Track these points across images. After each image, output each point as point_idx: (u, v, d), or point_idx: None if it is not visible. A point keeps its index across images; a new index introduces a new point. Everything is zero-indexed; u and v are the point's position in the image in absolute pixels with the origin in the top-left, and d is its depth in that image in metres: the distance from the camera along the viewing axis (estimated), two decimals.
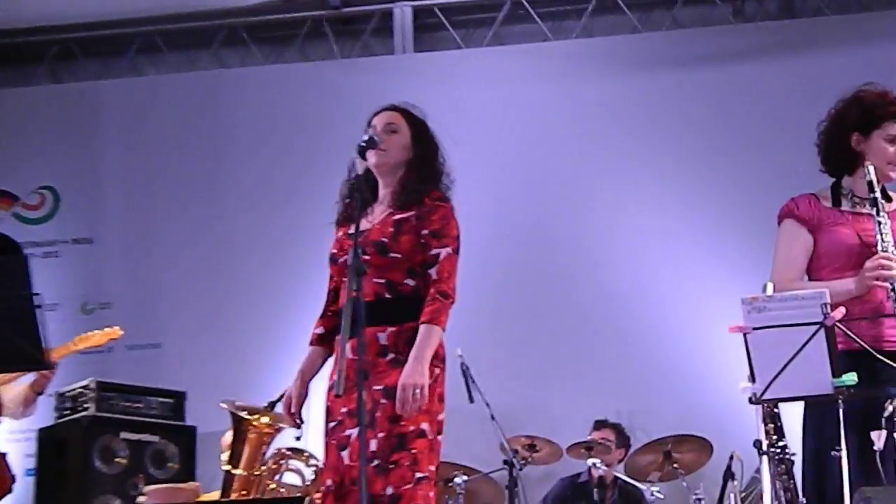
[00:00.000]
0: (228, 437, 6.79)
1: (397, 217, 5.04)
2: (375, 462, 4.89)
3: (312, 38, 10.14)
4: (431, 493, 5.01)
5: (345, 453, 4.78)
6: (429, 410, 5.03)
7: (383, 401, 4.94)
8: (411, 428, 4.95)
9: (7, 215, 9.62)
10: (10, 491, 5.42)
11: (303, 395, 5.09)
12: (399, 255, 5.01)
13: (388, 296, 5.01)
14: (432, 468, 5.02)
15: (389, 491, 4.87)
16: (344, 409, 4.75)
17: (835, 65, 8.40)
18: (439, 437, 5.06)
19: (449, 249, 5.04)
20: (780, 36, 9.45)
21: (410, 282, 5.04)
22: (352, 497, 4.78)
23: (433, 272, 5.00)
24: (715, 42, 9.53)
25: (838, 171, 5.19)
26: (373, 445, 4.90)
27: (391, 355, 4.96)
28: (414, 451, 4.94)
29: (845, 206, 5.10)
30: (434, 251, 5.01)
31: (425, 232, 5.01)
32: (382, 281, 5.00)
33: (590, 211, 9.08)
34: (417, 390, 4.82)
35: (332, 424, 4.93)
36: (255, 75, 10.02)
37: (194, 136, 9.76)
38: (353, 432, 4.88)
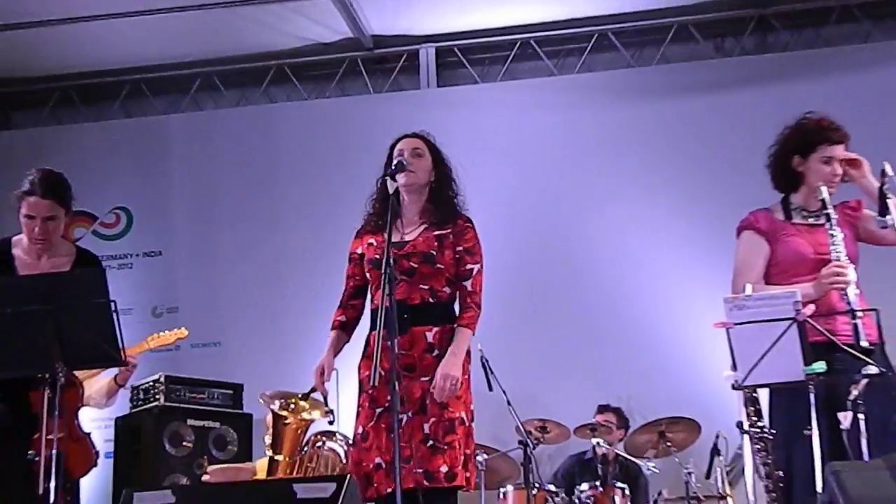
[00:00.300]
0: (270, 416, 6.80)
1: (437, 233, 5.11)
2: (430, 443, 4.94)
3: (349, 75, 10.16)
4: (469, 474, 5.10)
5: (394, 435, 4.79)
6: (465, 401, 5.11)
7: (433, 391, 4.99)
8: (457, 415, 5.02)
9: (87, 233, 9.66)
10: (95, 464, 5.45)
11: (332, 366, 5.14)
12: (442, 266, 5.09)
13: (431, 300, 5.09)
14: (469, 451, 5.09)
15: (444, 469, 4.93)
16: (390, 397, 4.76)
17: (801, 93, 8.39)
18: (472, 425, 5.13)
19: (480, 266, 5.18)
20: (755, 69, 9.43)
21: (447, 289, 5.13)
22: (402, 471, 4.79)
23: (468, 284, 5.12)
24: (699, 75, 9.52)
25: (786, 189, 5.28)
26: (426, 429, 4.96)
27: (436, 352, 5.04)
28: (459, 435, 5.01)
29: (797, 219, 5.20)
30: (469, 266, 5.12)
31: (460, 248, 5.12)
32: (427, 287, 5.07)
33: (591, 223, 9.09)
34: (453, 381, 4.90)
35: (378, 410, 4.96)
36: (299, 109, 10.05)
37: (248, 162, 9.80)
38: (403, 417, 4.92)
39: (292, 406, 6.47)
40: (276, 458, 6.44)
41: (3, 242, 5.48)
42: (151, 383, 8.06)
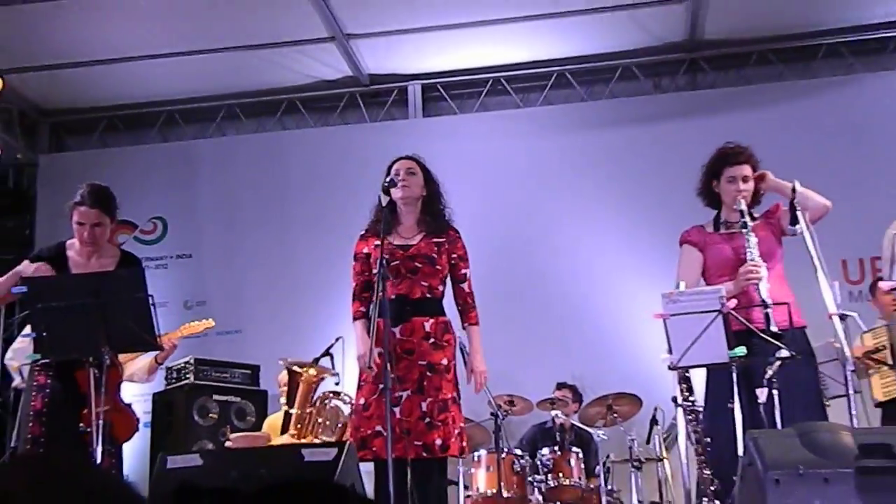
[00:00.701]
0: (283, 375, 6.82)
1: (435, 241, 5.15)
2: (427, 419, 4.96)
3: (349, 107, 10.14)
4: (464, 443, 5.13)
5: (396, 409, 4.81)
6: (455, 382, 5.14)
7: (428, 374, 5.01)
8: (450, 395, 5.04)
9: (129, 238, 9.63)
10: (136, 430, 5.44)
11: (372, 350, 5.07)
12: (440, 268, 5.12)
13: (428, 295, 5.12)
14: (462, 424, 5.12)
15: (439, 442, 4.95)
16: (392, 376, 4.77)
17: (725, 124, 8.39)
18: (461, 402, 5.18)
19: (470, 271, 5.20)
20: (687, 103, 9.47)
21: (441, 287, 5.19)
22: (401, 442, 4.82)
23: (465, 286, 5.23)
24: (640, 108, 9.54)
25: (713, 206, 5.35)
26: (424, 406, 4.97)
27: (432, 339, 5.06)
28: (453, 412, 5.03)
29: (722, 230, 5.26)
30: (463, 271, 5.20)
31: (455, 256, 5.18)
32: (426, 284, 5.11)
33: (552, 232, 9.10)
34: (484, 375, 5.21)
35: (381, 386, 4.95)
36: (307, 135, 10.04)
37: (264, 180, 9.78)
38: (403, 394, 4.93)
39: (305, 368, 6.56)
40: (290, 410, 6.46)
41: (60, 245, 5.49)
42: (183, 364, 8.09)
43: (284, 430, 6.57)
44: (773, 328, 4.80)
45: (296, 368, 6.69)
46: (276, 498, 1.99)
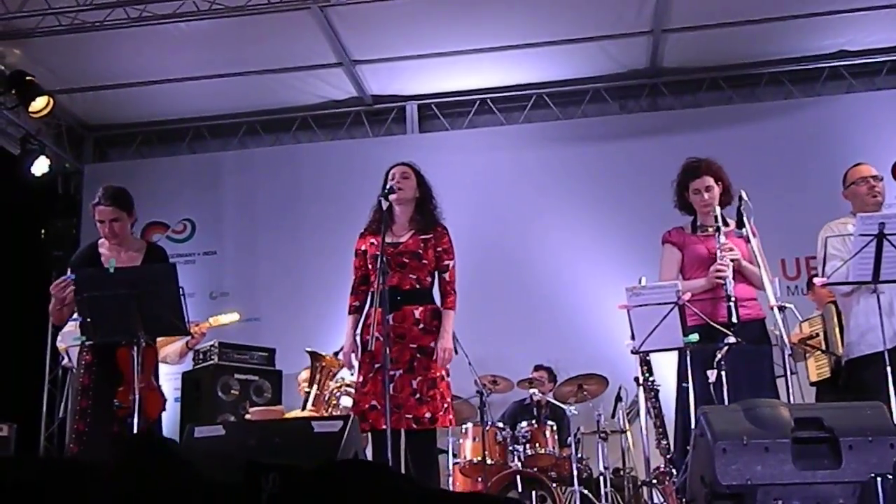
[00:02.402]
0: (305, 374, 6.84)
1: (422, 237, 5.15)
2: (417, 395, 4.97)
3: (355, 123, 10.13)
4: (451, 416, 5.12)
5: (390, 386, 4.81)
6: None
7: (418, 355, 5.01)
8: (438, 374, 5.04)
9: (162, 237, 9.59)
10: (164, 409, 5.43)
11: (356, 347, 5.14)
12: (426, 262, 5.13)
13: (417, 286, 5.11)
14: (449, 400, 5.11)
15: (428, 415, 4.96)
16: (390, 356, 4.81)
17: (681, 141, 8.44)
18: (449, 380, 5.16)
19: (454, 262, 5.23)
20: (649, 123, 9.49)
21: (429, 279, 5.17)
22: (394, 415, 4.83)
23: (447, 276, 5.18)
24: (609, 127, 9.55)
25: (688, 213, 5.34)
26: (414, 384, 4.98)
27: (422, 325, 5.06)
28: (441, 389, 5.03)
29: (699, 233, 5.22)
30: (446, 262, 5.16)
31: (440, 249, 5.16)
32: (415, 277, 5.11)
33: (531, 233, 9.10)
34: (449, 352, 5.02)
35: (377, 366, 4.97)
36: (318, 148, 10.01)
37: (280, 187, 9.76)
38: (396, 373, 4.94)
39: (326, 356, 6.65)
40: (311, 391, 6.52)
41: (93, 244, 5.52)
42: (209, 347, 8.08)
43: (305, 406, 6.63)
44: (734, 319, 4.81)
45: (318, 354, 6.74)
46: (330, 473, 2.00)
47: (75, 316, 5.14)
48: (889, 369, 4.79)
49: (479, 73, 9.49)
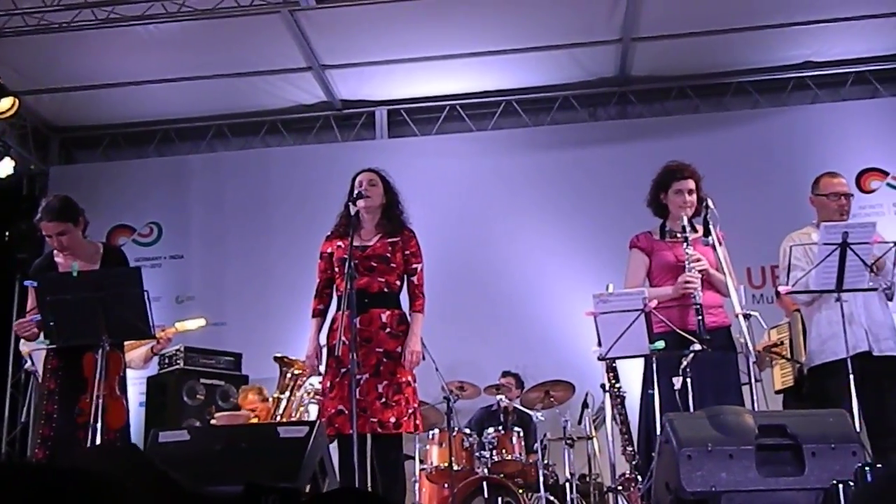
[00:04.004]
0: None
1: (389, 241, 5.14)
2: (383, 399, 4.95)
3: (324, 128, 10.10)
4: (418, 422, 5.10)
5: (356, 391, 4.79)
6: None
7: (384, 360, 5.00)
8: (404, 379, 5.02)
9: (128, 241, 9.53)
10: (126, 421, 5.28)
11: (319, 350, 5.14)
12: (394, 265, 5.11)
13: (385, 290, 5.10)
14: (415, 405, 5.10)
15: (393, 420, 4.94)
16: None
17: (649, 149, 8.48)
18: (416, 385, 5.15)
19: (422, 265, 5.21)
20: (617, 131, 9.53)
21: (397, 283, 5.16)
22: (360, 419, 4.82)
23: (415, 279, 5.17)
24: (577, 134, 9.59)
25: (660, 216, 5.34)
26: (380, 388, 4.97)
27: (388, 329, 5.04)
28: (407, 394, 5.01)
29: (668, 238, 5.22)
30: (414, 266, 5.15)
31: (408, 252, 5.15)
32: (383, 280, 5.09)
33: (500, 238, 9.10)
34: (417, 355, 4.97)
35: (343, 370, 4.95)
36: (287, 152, 9.98)
37: (248, 191, 9.71)
38: (362, 377, 4.92)
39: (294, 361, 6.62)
40: (280, 396, 6.49)
41: (48, 255, 5.47)
42: (174, 351, 8.02)
43: (275, 413, 6.61)
44: (703, 328, 4.83)
45: (287, 359, 6.71)
46: (328, 501, 1.98)
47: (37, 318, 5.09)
48: (851, 377, 4.84)
49: (449, 80, 9.50)
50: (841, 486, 3.43)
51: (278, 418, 6.62)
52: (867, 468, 3.42)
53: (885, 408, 5.15)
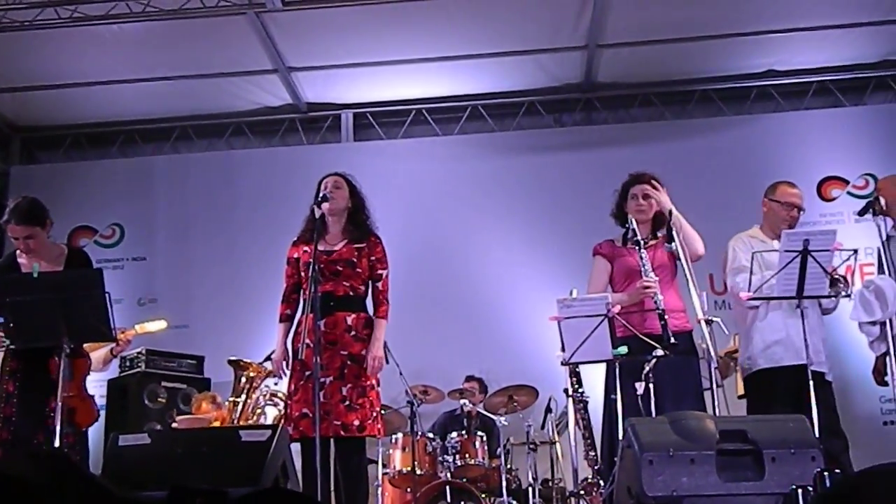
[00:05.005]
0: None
1: (356, 247, 5.14)
2: (347, 402, 4.95)
3: (289, 131, 10.06)
4: (381, 426, 5.10)
5: (320, 393, 4.79)
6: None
7: (349, 363, 5.00)
8: (368, 383, 5.02)
9: (90, 242, 9.43)
10: (97, 419, 5.34)
11: (286, 355, 5.12)
12: (360, 270, 5.12)
13: (351, 294, 5.09)
14: (379, 409, 5.10)
15: (356, 423, 4.94)
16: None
17: (613, 154, 8.58)
18: (379, 389, 5.14)
19: (387, 271, 5.22)
20: (583, 136, 9.57)
21: (362, 287, 5.16)
22: (324, 422, 4.81)
23: (379, 285, 5.18)
24: (543, 139, 9.60)
25: (622, 224, 5.38)
26: (344, 391, 4.96)
27: (353, 332, 5.04)
28: (371, 398, 5.01)
29: (629, 245, 5.24)
30: (379, 272, 5.16)
31: (373, 258, 5.16)
32: (348, 285, 5.09)
33: (464, 243, 9.10)
34: (379, 360, 4.99)
35: (308, 373, 4.94)
36: (252, 155, 9.91)
37: (213, 193, 9.63)
38: (326, 380, 4.92)
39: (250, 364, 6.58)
40: (237, 400, 6.44)
41: (11, 255, 5.44)
42: (136, 354, 7.98)
43: (231, 417, 6.56)
44: (668, 334, 4.85)
45: (242, 362, 6.67)
46: (256, 502, 1.97)
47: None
48: (812, 384, 4.90)
49: (415, 84, 9.50)
50: (800, 490, 3.47)
51: (236, 422, 6.58)
52: (826, 473, 3.46)
53: (828, 412, 5.22)
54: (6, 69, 8.86)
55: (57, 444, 4.67)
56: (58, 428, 4.68)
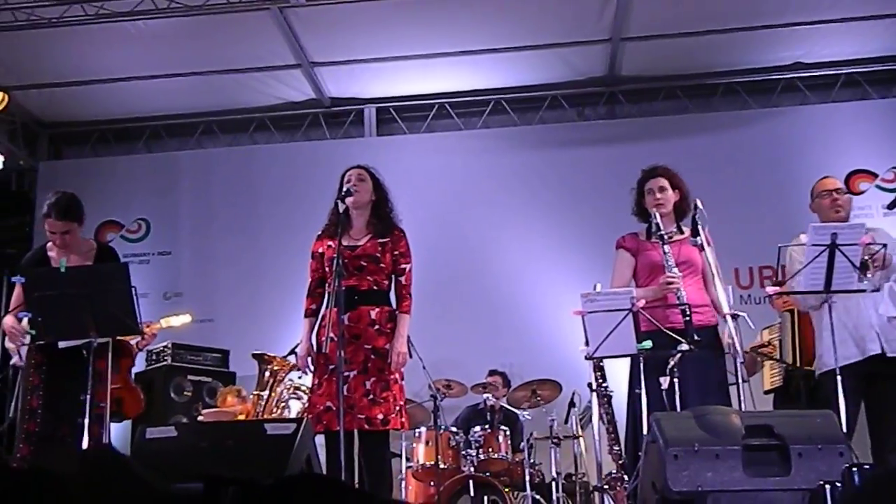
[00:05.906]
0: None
1: (380, 241, 5.13)
2: (371, 396, 4.94)
3: (313, 125, 10.09)
4: (404, 419, 5.09)
5: (344, 387, 4.79)
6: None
7: (373, 356, 4.99)
8: (392, 377, 5.01)
9: (116, 237, 9.50)
10: (143, 408, 5.41)
11: (311, 350, 5.11)
12: (384, 265, 5.10)
13: (375, 288, 5.08)
14: (402, 402, 5.09)
15: (380, 416, 4.93)
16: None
17: (638, 149, 8.51)
18: (403, 382, 5.14)
19: (410, 265, 5.21)
20: (606, 131, 9.54)
21: (386, 282, 5.15)
22: (347, 416, 4.81)
23: (403, 279, 5.16)
24: (566, 134, 9.59)
25: (644, 220, 5.35)
26: (368, 385, 4.96)
27: (377, 326, 5.04)
28: (394, 391, 5.00)
29: (654, 239, 5.20)
30: (402, 266, 5.14)
31: (397, 253, 5.14)
32: (372, 279, 5.08)
33: (488, 237, 9.10)
34: (403, 355, 4.99)
35: (331, 367, 4.93)
36: (276, 149, 9.95)
37: (237, 188, 9.69)
38: (350, 374, 4.92)
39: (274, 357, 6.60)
40: (262, 393, 6.46)
41: (42, 248, 5.48)
42: (162, 348, 8.03)
43: (256, 410, 6.59)
44: (692, 330, 4.80)
45: (266, 356, 6.69)
46: (290, 488, 1.97)
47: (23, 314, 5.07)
48: (840, 381, 4.83)
49: (438, 78, 9.49)
50: (828, 487, 3.43)
51: (260, 415, 6.60)
52: (854, 469, 3.42)
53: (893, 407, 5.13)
54: (33, 66, 8.94)
55: (86, 437, 4.70)
56: (107, 420, 4.75)
